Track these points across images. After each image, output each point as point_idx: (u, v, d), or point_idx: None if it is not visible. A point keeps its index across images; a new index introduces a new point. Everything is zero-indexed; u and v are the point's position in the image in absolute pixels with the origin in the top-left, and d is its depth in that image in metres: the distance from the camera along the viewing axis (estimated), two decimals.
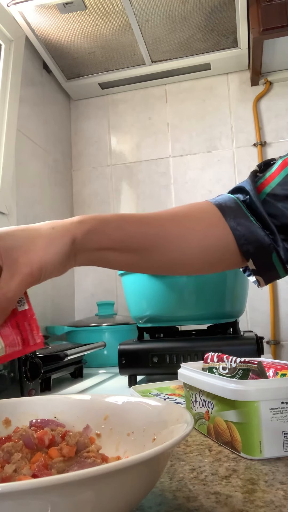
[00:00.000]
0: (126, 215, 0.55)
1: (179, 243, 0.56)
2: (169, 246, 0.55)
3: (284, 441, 0.46)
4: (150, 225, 0.55)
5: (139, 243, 0.54)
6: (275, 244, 0.56)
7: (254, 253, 0.57)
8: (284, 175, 0.58)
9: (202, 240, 0.57)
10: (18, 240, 0.46)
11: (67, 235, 0.48)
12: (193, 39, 1.52)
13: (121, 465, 0.26)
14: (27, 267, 0.45)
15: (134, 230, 0.54)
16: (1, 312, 0.45)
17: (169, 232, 0.56)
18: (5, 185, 1.32)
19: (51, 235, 0.48)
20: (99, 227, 0.51)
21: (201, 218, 0.58)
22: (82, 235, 0.49)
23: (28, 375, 0.80)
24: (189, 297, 1.01)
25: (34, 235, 0.47)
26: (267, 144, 1.69)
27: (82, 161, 1.87)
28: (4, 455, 0.36)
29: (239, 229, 0.57)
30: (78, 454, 0.37)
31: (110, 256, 0.53)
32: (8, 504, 0.24)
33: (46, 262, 0.46)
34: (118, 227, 0.53)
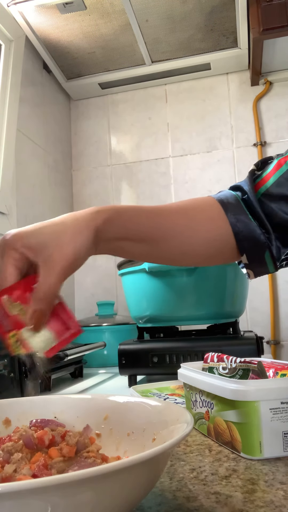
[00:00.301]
0: (138, 207, 0.57)
1: (186, 234, 0.59)
2: (177, 237, 0.58)
3: (284, 441, 0.46)
4: (160, 217, 0.58)
5: (151, 234, 0.57)
6: (269, 242, 0.59)
7: (248, 249, 0.60)
8: (279, 175, 0.60)
9: (207, 232, 0.59)
10: (48, 236, 0.48)
11: (91, 224, 0.51)
12: (193, 39, 1.52)
13: (121, 465, 0.26)
14: (62, 260, 0.47)
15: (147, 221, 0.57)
16: (48, 306, 0.47)
17: (178, 224, 0.58)
18: (5, 185, 1.32)
19: (77, 226, 0.50)
20: (116, 217, 0.54)
21: (205, 212, 0.61)
22: (102, 225, 0.52)
23: (28, 375, 0.80)
24: (189, 297, 1.00)
25: (61, 229, 0.49)
26: (267, 144, 1.69)
27: (82, 161, 1.87)
28: (4, 455, 0.36)
29: (238, 226, 0.59)
30: (78, 454, 0.37)
31: (125, 246, 0.56)
32: (8, 504, 0.24)
33: (78, 253, 0.49)
34: (132, 218, 0.56)
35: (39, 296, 0.46)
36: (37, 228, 0.49)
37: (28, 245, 0.48)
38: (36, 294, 0.47)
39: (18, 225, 1.39)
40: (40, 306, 0.46)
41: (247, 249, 0.60)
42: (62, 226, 0.49)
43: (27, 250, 0.48)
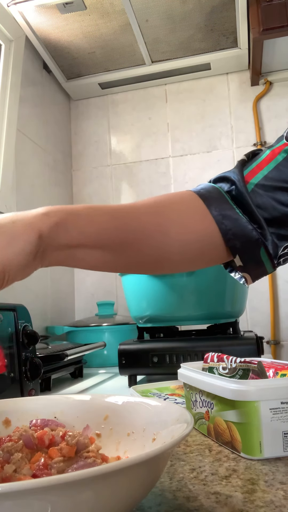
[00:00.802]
0: (97, 206, 0.49)
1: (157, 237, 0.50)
2: (146, 241, 0.50)
3: (284, 441, 0.46)
4: (126, 218, 0.49)
5: (113, 238, 0.48)
6: (263, 238, 0.53)
7: (241, 248, 0.53)
8: (274, 165, 0.54)
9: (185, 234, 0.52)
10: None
11: (31, 230, 0.41)
12: (193, 39, 1.52)
13: (121, 465, 0.26)
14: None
15: (108, 223, 0.47)
16: None
17: (147, 225, 0.50)
18: (5, 185, 1.32)
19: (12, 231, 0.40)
20: (68, 219, 0.45)
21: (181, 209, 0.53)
22: (49, 230, 0.43)
23: (28, 375, 0.80)
24: (189, 297, 1.00)
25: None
26: (267, 144, 1.68)
27: (82, 161, 1.87)
28: (4, 455, 0.36)
29: (225, 223, 0.52)
30: (78, 454, 0.37)
31: (81, 254, 0.47)
32: (8, 504, 0.24)
33: (8, 264, 0.39)
34: (89, 220, 0.46)
35: None
36: None
37: None
38: None
39: None
40: None
41: (239, 248, 0.53)
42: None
43: None
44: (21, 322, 0.81)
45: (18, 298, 1.21)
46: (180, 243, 0.52)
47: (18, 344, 0.80)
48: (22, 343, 0.80)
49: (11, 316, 0.80)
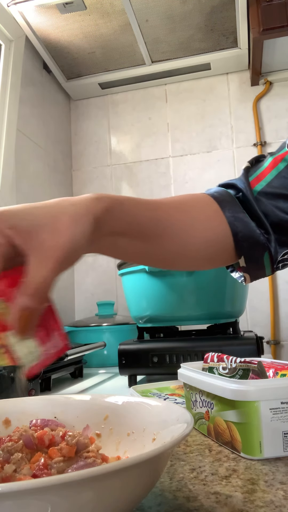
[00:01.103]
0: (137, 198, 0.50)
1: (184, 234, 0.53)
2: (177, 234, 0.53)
3: (284, 441, 0.46)
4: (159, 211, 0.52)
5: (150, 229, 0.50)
6: (269, 243, 0.56)
7: (247, 250, 0.56)
8: (276, 173, 0.57)
9: (205, 231, 0.55)
10: (40, 219, 0.39)
11: (90, 213, 0.42)
12: (193, 39, 1.52)
13: (121, 465, 0.26)
14: (58, 250, 0.38)
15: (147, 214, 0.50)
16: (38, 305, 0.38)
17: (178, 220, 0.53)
18: (5, 185, 1.32)
19: (75, 212, 0.41)
20: (116, 207, 0.46)
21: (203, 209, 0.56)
22: (101, 214, 0.44)
23: None
24: (189, 297, 1.00)
25: (56, 212, 0.40)
26: (267, 144, 1.69)
27: (82, 161, 1.87)
28: (4, 455, 0.36)
29: (236, 225, 0.55)
30: (78, 454, 0.37)
31: (120, 242, 0.48)
32: (8, 504, 0.24)
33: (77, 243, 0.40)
34: (132, 209, 0.48)
35: (28, 292, 0.37)
36: (28, 208, 0.40)
37: (17, 228, 0.38)
38: (25, 289, 0.37)
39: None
40: (29, 304, 0.37)
41: (246, 250, 0.56)
42: (57, 210, 0.41)
43: (15, 233, 0.38)
44: None
45: None
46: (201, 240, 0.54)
47: None
48: None
49: None
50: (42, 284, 0.37)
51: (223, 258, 0.58)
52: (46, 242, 0.38)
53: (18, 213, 0.39)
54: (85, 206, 0.42)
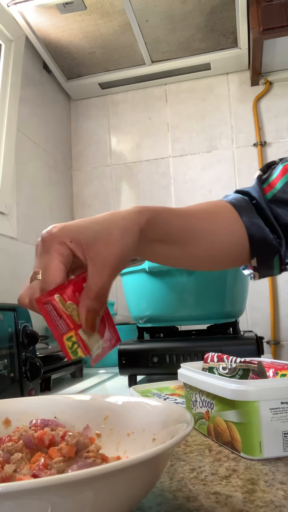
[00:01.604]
0: (169, 209, 0.56)
1: (210, 238, 0.59)
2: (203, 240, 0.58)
3: (284, 441, 0.46)
4: (189, 220, 0.57)
5: (182, 236, 0.56)
6: (280, 247, 0.60)
7: (261, 253, 0.61)
8: (285, 181, 0.61)
9: (227, 236, 0.60)
10: (96, 233, 0.45)
11: (136, 225, 0.49)
12: (193, 39, 1.52)
13: (121, 465, 0.26)
14: (113, 258, 0.45)
15: (178, 223, 0.56)
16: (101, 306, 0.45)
17: (203, 228, 0.58)
18: (5, 185, 1.32)
19: (124, 225, 0.47)
20: (154, 218, 0.52)
21: (224, 216, 0.61)
22: (144, 225, 0.50)
23: (28, 375, 0.80)
24: (189, 297, 1.00)
25: (108, 226, 0.46)
26: (267, 144, 1.69)
27: (82, 161, 1.87)
28: (4, 455, 0.36)
29: (252, 229, 0.60)
30: (78, 454, 0.37)
31: (158, 248, 0.54)
32: (8, 504, 0.24)
33: (127, 252, 0.46)
34: (166, 220, 0.54)
35: (91, 296, 0.44)
36: (85, 223, 0.46)
37: (77, 241, 0.44)
38: (89, 293, 0.44)
39: (18, 225, 1.39)
40: (93, 306, 0.44)
41: (259, 253, 0.61)
42: (109, 224, 0.47)
43: (75, 246, 0.44)
44: (21, 322, 0.81)
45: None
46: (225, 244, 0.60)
47: (18, 344, 0.80)
48: (22, 343, 0.80)
49: (11, 316, 0.80)
50: (101, 289, 0.44)
51: (242, 259, 0.63)
52: (102, 252, 0.45)
53: (78, 228, 0.46)
54: (132, 219, 0.49)
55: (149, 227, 0.51)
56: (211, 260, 0.61)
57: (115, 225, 0.47)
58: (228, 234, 0.60)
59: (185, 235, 0.56)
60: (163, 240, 0.54)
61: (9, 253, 1.32)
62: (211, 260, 0.61)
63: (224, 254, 0.61)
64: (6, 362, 0.76)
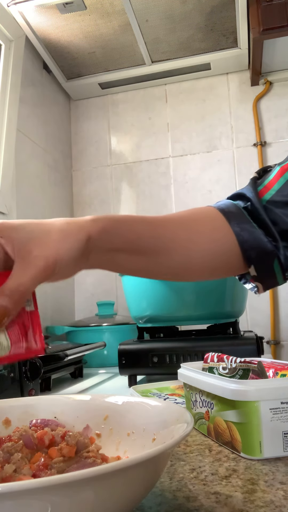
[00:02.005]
0: (136, 217, 0.54)
1: (187, 246, 0.55)
2: (178, 249, 0.55)
3: (284, 441, 0.46)
4: (160, 228, 0.54)
5: (150, 245, 0.53)
6: (277, 250, 0.57)
7: (256, 258, 0.57)
8: (284, 182, 0.58)
9: (209, 243, 0.56)
10: (32, 233, 0.45)
11: (82, 231, 0.47)
12: (193, 39, 1.52)
13: (121, 465, 0.26)
14: (41, 260, 0.43)
15: (145, 231, 0.53)
16: (13, 306, 0.42)
17: (178, 236, 0.55)
18: (5, 185, 1.32)
19: (67, 229, 0.46)
20: (113, 226, 0.50)
21: (207, 222, 0.58)
22: (97, 234, 0.48)
23: (28, 375, 0.80)
24: (189, 297, 1.00)
25: (48, 228, 0.46)
26: (267, 144, 1.69)
27: (82, 161, 1.87)
28: (4, 455, 0.36)
29: (242, 235, 0.57)
30: (78, 454, 0.37)
31: (121, 259, 0.52)
32: (8, 504, 0.24)
33: (61, 256, 0.44)
34: (130, 228, 0.52)
35: (5, 292, 0.42)
36: (24, 223, 0.46)
37: (10, 237, 0.44)
38: (4, 289, 0.42)
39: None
40: (5, 302, 0.42)
41: (254, 258, 0.57)
42: (50, 226, 0.46)
43: (6, 242, 0.44)
44: None
45: None
46: (206, 253, 0.56)
47: None
48: None
49: None
50: (19, 286, 0.42)
51: (229, 269, 0.59)
52: (32, 252, 0.43)
53: (14, 225, 0.45)
54: (78, 225, 0.47)
55: (105, 236, 0.49)
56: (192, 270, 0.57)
57: (56, 229, 0.46)
58: (211, 241, 0.56)
59: (156, 244, 0.53)
60: (125, 249, 0.51)
61: None
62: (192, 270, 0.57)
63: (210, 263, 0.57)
64: None
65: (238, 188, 1.69)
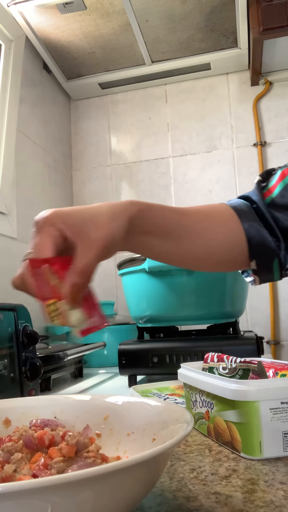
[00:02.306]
0: (163, 205, 0.58)
1: (208, 236, 0.60)
2: (200, 237, 0.59)
3: (284, 441, 0.46)
4: (185, 216, 0.59)
5: (177, 230, 0.57)
6: (279, 250, 0.61)
7: (259, 255, 0.61)
8: (283, 186, 0.63)
9: (225, 236, 0.61)
10: (87, 216, 0.49)
11: (126, 212, 0.51)
12: (193, 39, 1.52)
13: (121, 465, 0.26)
14: (100, 240, 0.48)
15: (171, 218, 0.57)
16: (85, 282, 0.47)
17: (200, 225, 0.60)
18: (5, 185, 1.32)
19: (113, 211, 0.51)
20: (147, 210, 0.54)
21: (223, 217, 0.62)
22: (135, 215, 0.53)
23: (28, 375, 0.80)
24: (189, 297, 1.00)
25: (98, 211, 0.50)
26: (267, 144, 1.69)
27: (82, 161, 1.87)
28: (4, 455, 0.36)
29: (251, 231, 0.61)
30: (78, 454, 0.37)
31: (151, 241, 0.56)
32: (8, 504, 0.24)
33: (114, 236, 0.49)
34: (159, 214, 0.56)
35: (77, 271, 0.47)
36: (76, 209, 0.51)
37: (68, 223, 0.48)
38: (74, 268, 0.47)
39: (18, 225, 1.39)
40: (78, 280, 0.47)
41: (258, 255, 0.61)
42: (98, 210, 0.50)
43: (66, 227, 0.48)
44: (21, 322, 0.81)
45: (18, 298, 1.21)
46: (222, 243, 0.61)
47: (18, 344, 0.80)
48: (22, 343, 0.80)
49: (11, 316, 0.80)
50: (87, 265, 0.47)
51: (240, 262, 0.63)
52: (90, 234, 0.48)
53: (69, 212, 0.50)
54: (122, 207, 0.52)
55: (140, 218, 0.53)
56: (207, 259, 0.62)
57: (104, 211, 0.50)
58: (226, 234, 0.61)
59: (180, 230, 0.58)
60: (155, 232, 0.56)
61: (9, 253, 1.32)
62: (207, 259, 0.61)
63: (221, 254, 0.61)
64: (6, 362, 0.76)
65: (238, 188, 1.69)
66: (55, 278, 0.48)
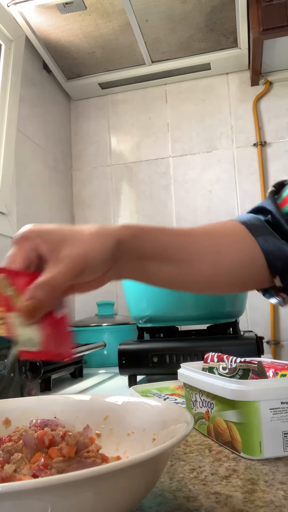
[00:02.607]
0: (164, 227, 0.55)
1: (214, 257, 0.56)
2: (205, 260, 0.56)
3: (284, 441, 0.46)
4: (187, 237, 0.56)
5: (178, 255, 0.54)
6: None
7: (281, 269, 0.57)
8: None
9: (234, 255, 0.57)
10: (65, 235, 0.47)
11: (113, 235, 0.48)
12: (193, 39, 1.52)
13: (121, 465, 0.26)
14: (70, 257, 0.45)
15: (173, 240, 0.54)
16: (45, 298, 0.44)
17: (205, 246, 0.56)
18: (5, 185, 1.32)
19: (97, 232, 0.48)
20: (142, 233, 0.52)
21: (231, 235, 0.59)
22: (127, 239, 0.50)
23: (28, 375, 0.80)
24: (189, 297, 1.00)
25: (80, 231, 0.48)
26: (267, 144, 1.69)
27: (82, 161, 1.87)
28: (4, 455, 0.36)
29: (267, 246, 0.57)
30: (78, 454, 0.37)
31: (150, 267, 0.53)
32: (8, 504, 0.24)
33: (90, 256, 0.46)
34: (158, 236, 0.53)
35: (38, 284, 0.43)
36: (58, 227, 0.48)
37: (44, 239, 0.46)
38: (36, 281, 0.44)
39: (18, 225, 1.39)
40: (37, 294, 0.43)
41: (280, 269, 0.57)
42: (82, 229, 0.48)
43: (42, 242, 0.46)
44: None
45: None
46: (232, 265, 0.57)
47: None
48: None
49: None
50: (50, 279, 0.44)
51: (256, 280, 0.60)
52: (65, 250, 0.45)
53: (49, 229, 0.47)
54: (111, 229, 0.49)
55: (135, 242, 0.50)
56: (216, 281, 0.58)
57: (89, 230, 0.48)
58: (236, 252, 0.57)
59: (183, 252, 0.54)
60: (154, 256, 0.52)
61: None
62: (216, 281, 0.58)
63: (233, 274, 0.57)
64: (6, 362, 0.76)
65: (238, 188, 1.69)
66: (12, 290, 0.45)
